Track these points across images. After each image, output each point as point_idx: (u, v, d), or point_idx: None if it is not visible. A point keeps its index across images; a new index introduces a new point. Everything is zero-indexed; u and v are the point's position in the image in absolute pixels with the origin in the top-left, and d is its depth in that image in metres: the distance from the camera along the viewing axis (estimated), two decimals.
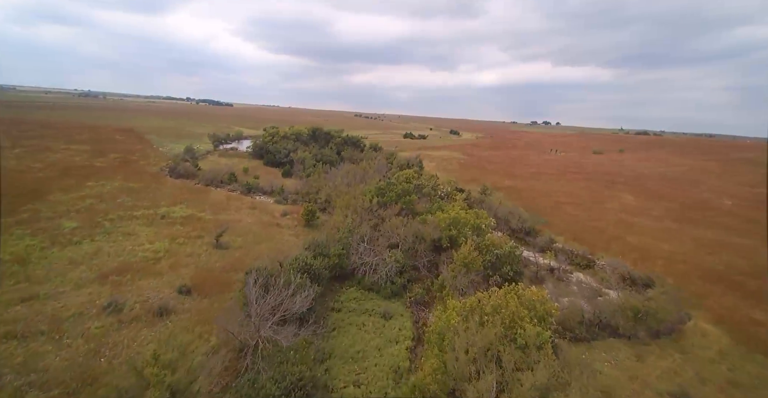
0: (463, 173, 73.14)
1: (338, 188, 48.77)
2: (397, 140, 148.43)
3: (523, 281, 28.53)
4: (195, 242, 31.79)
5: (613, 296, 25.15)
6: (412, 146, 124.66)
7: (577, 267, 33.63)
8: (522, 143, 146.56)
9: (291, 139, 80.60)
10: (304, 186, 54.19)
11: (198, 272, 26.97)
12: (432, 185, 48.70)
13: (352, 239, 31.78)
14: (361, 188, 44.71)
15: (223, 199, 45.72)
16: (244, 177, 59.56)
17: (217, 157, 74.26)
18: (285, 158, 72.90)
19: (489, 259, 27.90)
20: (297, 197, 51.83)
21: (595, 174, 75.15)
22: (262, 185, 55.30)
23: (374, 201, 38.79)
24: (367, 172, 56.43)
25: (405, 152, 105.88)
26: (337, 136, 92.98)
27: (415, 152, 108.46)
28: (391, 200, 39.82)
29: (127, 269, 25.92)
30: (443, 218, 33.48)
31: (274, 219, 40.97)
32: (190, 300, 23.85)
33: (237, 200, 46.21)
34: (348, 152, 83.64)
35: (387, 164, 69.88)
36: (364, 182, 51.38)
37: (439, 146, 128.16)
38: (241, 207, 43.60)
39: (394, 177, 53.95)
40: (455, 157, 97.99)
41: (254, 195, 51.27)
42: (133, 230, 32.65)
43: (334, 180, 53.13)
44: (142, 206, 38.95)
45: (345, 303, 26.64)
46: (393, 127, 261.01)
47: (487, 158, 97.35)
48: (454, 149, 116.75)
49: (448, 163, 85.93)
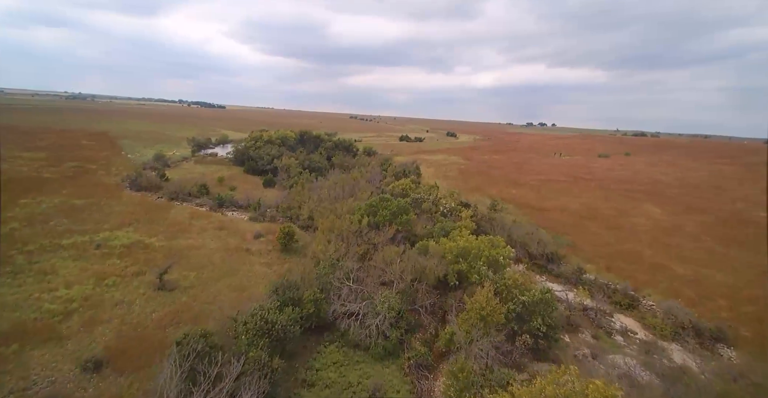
0: (465, 180, 66.51)
1: (323, 204, 41.87)
2: (393, 144, 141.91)
3: (559, 339, 21.87)
4: (130, 282, 24.65)
5: (696, 370, 18.33)
6: (409, 149, 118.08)
7: (618, 307, 26.93)
8: (523, 146, 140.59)
9: (276, 144, 73.65)
10: (285, 200, 47.18)
11: (122, 332, 19.88)
12: (432, 198, 41.92)
13: (335, 276, 24.85)
14: (350, 204, 37.82)
15: (185, 218, 38.54)
16: (219, 188, 52.45)
17: (192, 164, 67.02)
18: (268, 166, 65.85)
19: (514, 309, 21.08)
20: (277, 213, 44.93)
21: (608, 181, 68.85)
22: (237, 197, 48.22)
23: (364, 222, 31.90)
24: (358, 182, 49.55)
25: (401, 157, 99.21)
26: (327, 140, 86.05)
27: (411, 156, 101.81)
28: (385, 219, 32.92)
29: (18, 334, 18.77)
30: (450, 248, 26.63)
31: (243, 243, 33.90)
32: (97, 380, 16.78)
33: (203, 219, 39.06)
34: (339, 158, 76.75)
35: (381, 172, 63.10)
36: (354, 195, 44.53)
37: (437, 149, 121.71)
38: (205, 228, 36.46)
39: (388, 188, 47.10)
40: (455, 162, 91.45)
41: (226, 211, 44.16)
42: (53, 266, 25.43)
43: (319, 192, 46.15)
44: (78, 230, 31.69)
45: (321, 373, 19.66)
46: (389, 129, 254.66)
47: (488, 162, 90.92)
48: (453, 153, 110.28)
49: (448, 169, 79.28)
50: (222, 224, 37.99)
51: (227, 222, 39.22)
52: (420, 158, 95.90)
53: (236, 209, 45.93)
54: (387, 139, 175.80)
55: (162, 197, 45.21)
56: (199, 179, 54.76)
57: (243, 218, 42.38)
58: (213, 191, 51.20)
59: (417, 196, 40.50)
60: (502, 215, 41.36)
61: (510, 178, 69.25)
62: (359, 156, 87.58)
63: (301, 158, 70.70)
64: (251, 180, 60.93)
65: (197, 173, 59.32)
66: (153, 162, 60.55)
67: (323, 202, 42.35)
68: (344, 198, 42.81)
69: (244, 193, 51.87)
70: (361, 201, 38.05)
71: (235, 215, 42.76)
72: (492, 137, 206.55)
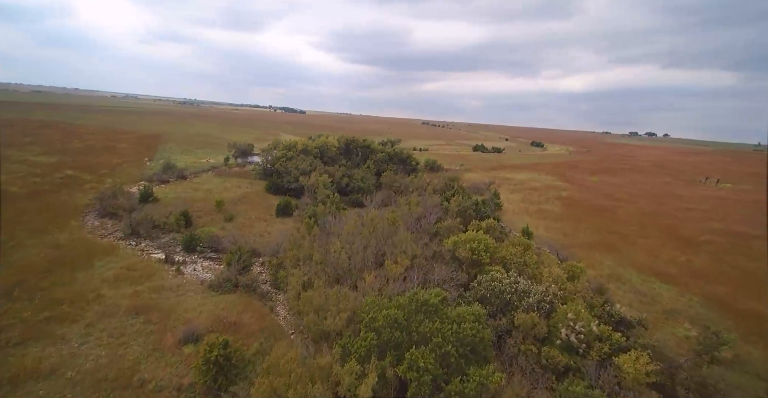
0: (575, 224, 42.40)
1: (334, 265, 23.76)
2: (465, 155, 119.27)
3: None
4: None
5: None
6: (484, 163, 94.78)
7: None
8: (643, 164, 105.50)
9: (312, 154, 58.79)
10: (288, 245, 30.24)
11: None
12: (541, 294, 20.23)
13: None
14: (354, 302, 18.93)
15: (103, 281, 23.78)
16: (212, 218, 38.22)
17: (211, 176, 55.28)
18: (293, 183, 50.62)
19: None
20: (264, 271, 28.33)
21: None
22: (223, 235, 33.07)
23: (368, 384, 12.80)
24: (397, 226, 30.24)
25: (473, 173, 77.29)
26: (379, 150, 68.57)
27: (487, 173, 79.07)
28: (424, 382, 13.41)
29: None
30: None
31: (149, 360, 17.49)
32: None
33: (132, 284, 23.90)
34: (389, 176, 58.49)
35: (441, 201, 42.80)
36: (385, 252, 25.62)
37: (522, 164, 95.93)
38: (114, 310, 21.05)
39: (446, 248, 26.82)
40: (550, 184, 66.24)
41: (194, 261, 28.95)
42: None
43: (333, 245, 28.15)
44: None
45: None
46: (460, 137, 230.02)
47: (603, 189, 63.70)
48: (545, 170, 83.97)
49: (543, 198, 55.21)
50: (149, 301, 22.26)
51: (165, 293, 23.46)
52: (499, 177, 72.85)
53: (212, 257, 30.55)
54: (458, 148, 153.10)
55: (118, 231, 31.93)
56: (196, 202, 41.45)
57: (206, 278, 26.49)
58: (203, 220, 37.06)
59: (509, 286, 19.53)
60: (714, 370, 17.46)
61: (655, 223, 42.87)
62: (418, 173, 68.38)
63: (339, 174, 54.17)
64: (268, 203, 46.06)
65: (203, 191, 46.50)
66: (162, 173, 49.71)
67: (328, 267, 24.15)
68: (365, 265, 24.00)
69: (241, 226, 36.66)
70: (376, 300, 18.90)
71: (194, 274, 27.06)
72: (591, 149, 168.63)
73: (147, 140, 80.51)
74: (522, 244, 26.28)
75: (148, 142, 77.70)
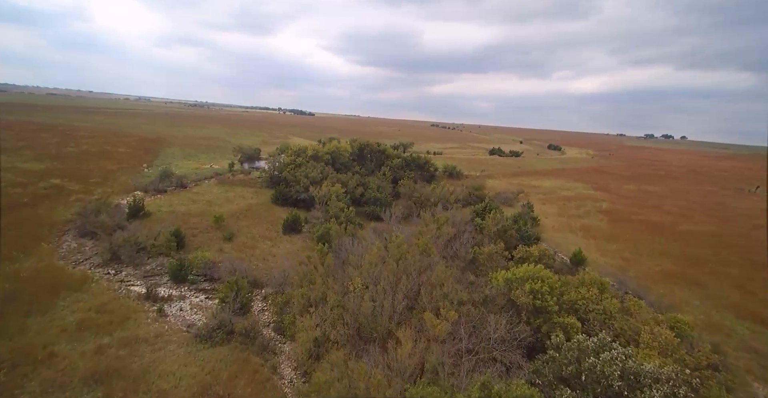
0: (631, 245, 36.05)
1: (354, 312, 18.26)
2: (482, 159, 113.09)
3: None
4: None
5: None
6: (505, 168, 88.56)
7: None
8: (677, 169, 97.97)
9: (323, 161, 53.52)
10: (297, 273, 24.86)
11: None
12: (670, 382, 14.24)
13: None
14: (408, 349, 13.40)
15: (63, 328, 18.69)
16: (210, 235, 33.12)
17: (213, 185, 50.36)
18: (303, 194, 45.39)
19: None
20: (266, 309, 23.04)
21: None
22: (219, 260, 27.93)
23: None
24: (430, 255, 24.65)
25: (496, 180, 71.30)
26: (395, 156, 63.08)
27: (511, 179, 73.00)
28: None
29: None
30: None
31: None
32: None
33: (98, 335, 18.75)
34: (407, 185, 52.94)
35: (473, 218, 36.99)
36: (420, 292, 20.10)
37: (545, 170, 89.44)
38: (68, 380, 15.92)
39: (494, 288, 21.09)
40: (585, 194, 59.89)
41: (181, 294, 23.77)
42: None
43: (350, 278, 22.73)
44: None
45: None
46: (473, 139, 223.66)
47: (646, 200, 57.16)
48: (573, 177, 77.47)
49: (582, 210, 48.97)
50: (116, 362, 17.00)
51: (139, 348, 18.20)
52: (525, 185, 66.74)
53: (205, 288, 25.36)
54: (473, 151, 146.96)
55: (96, 254, 26.94)
56: (193, 217, 36.46)
57: (194, 320, 21.24)
58: (199, 240, 31.99)
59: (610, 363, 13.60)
60: None
61: (728, 245, 36.34)
62: (436, 180, 62.75)
63: (353, 183, 48.79)
64: (274, 217, 40.89)
65: (202, 203, 41.54)
66: (158, 182, 44.94)
67: (348, 315, 18.67)
68: (395, 312, 18.47)
69: (242, 246, 31.51)
70: None
71: (180, 316, 21.81)
72: (612, 152, 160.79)
73: (149, 143, 76.38)
74: (595, 283, 20.43)
75: (149, 146, 73.51)
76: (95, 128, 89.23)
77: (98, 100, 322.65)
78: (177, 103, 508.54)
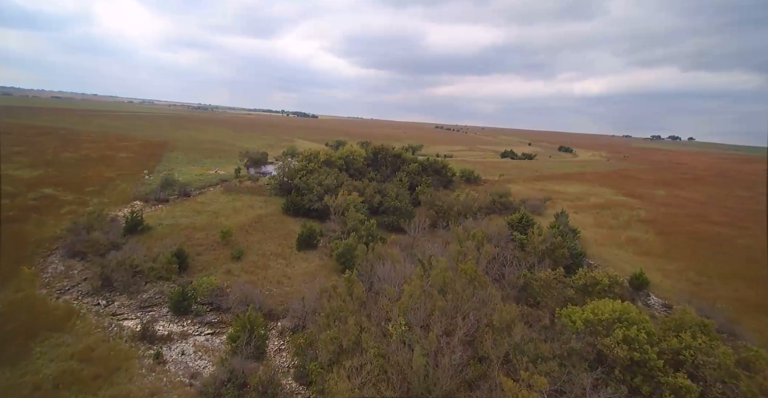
0: (695, 264, 31.84)
1: (400, 370, 14.33)
2: (494, 162, 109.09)
3: None
4: None
5: None
6: (522, 172, 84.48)
7: None
8: (702, 173, 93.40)
9: (337, 166, 49.77)
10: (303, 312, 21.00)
11: None
12: None
13: None
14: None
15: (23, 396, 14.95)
16: (217, 253, 29.37)
17: (219, 193, 46.71)
18: (316, 203, 41.60)
19: None
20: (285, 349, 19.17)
21: None
22: (231, 281, 24.18)
23: None
24: (481, 283, 20.72)
25: (516, 185, 67.28)
26: (411, 160, 59.24)
27: (530, 184, 69.02)
28: None
29: None
30: None
31: None
32: None
33: (75, 395, 15.01)
34: (427, 192, 49.11)
35: (511, 233, 32.96)
36: (480, 335, 16.21)
37: (564, 173, 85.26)
38: None
39: (579, 325, 17.10)
40: (615, 200, 55.68)
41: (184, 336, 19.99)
42: None
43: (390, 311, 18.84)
44: None
45: None
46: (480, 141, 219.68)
47: (686, 208, 52.90)
48: (597, 181, 73.28)
49: (621, 220, 44.76)
50: None
51: None
52: (549, 190, 62.69)
53: (211, 322, 21.56)
54: (482, 153, 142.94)
55: (87, 279, 23.19)
56: (197, 231, 32.73)
57: (199, 368, 17.42)
58: (204, 259, 28.26)
59: None
60: None
61: None
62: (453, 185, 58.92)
63: (370, 191, 44.93)
64: (287, 230, 37.12)
65: (207, 214, 37.86)
66: (159, 190, 41.32)
67: (392, 370, 14.79)
68: (455, 372, 14.54)
69: (253, 267, 27.73)
70: None
71: (182, 362, 17.98)
72: (626, 155, 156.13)
73: (152, 147, 73.04)
74: (695, 323, 16.41)
75: (152, 150, 70.15)
76: (97, 132, 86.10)
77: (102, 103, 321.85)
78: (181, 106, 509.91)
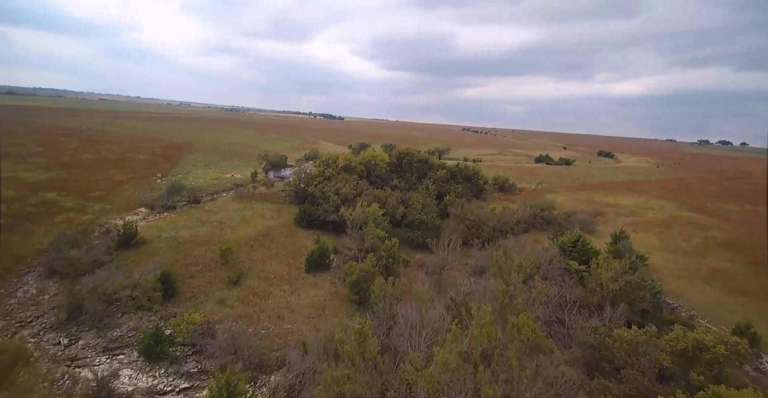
0: None
1: None
2: (528, 167, 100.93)
3: None
4: None
5: None
6: (562, 180, 76.46)
7: None
8: None
9: (356, 172, 45.07)
10: (304, 369, 16.24)
11: None
12: None
13: None
14: None
15: None
16: (213, 274, 25.30)
17: (230, 199, 43.27)
18: (332, 214, 36.98)
19: None
20: None
21: None
22: (221, 315, 19.88)
23: None
24: (538, 339, 15.11)
25: (556, 195, 59.96)
26: (438, 166, 53.59)
27: (573, 194, 61.43)
28: None
29: None
30: None
31: None
32: None
33: None
34: (457, 203, 43.40)
35: (569, 266, 26.82)
36: None
37: (612, 182, 76.30)
38: None
39: None
40: (682, 217, 47.36)
41: (152, 393, 15.77)
42: None
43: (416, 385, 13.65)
44: None
45: None
46: (512, 144, 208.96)
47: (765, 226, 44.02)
48: (653, 193, 64.32)
49: (694, 242, 37.04)
50: None
51: None
52: (597, 202, 55.06)
53: (191, 372, 17.21)
54: (514, 158, 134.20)
55: (54, 308, 19.59)
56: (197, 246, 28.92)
57: None
58: (196, 284, 24.23)
59: None
60: None
61: None
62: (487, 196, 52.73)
63: (392, 201, 39.86)
64: (297, 246, 32.71)
65: (212, 225, 34.18)
66: (166, 197, 38.27)
67: None
68: None
69: (251, 294, 23.39)
70: None
71: None
72: (678, 161, 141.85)
73: (172, 149, 71.77)
74: None
75: (172, 152, 68.73)
76: (122, 133, 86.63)
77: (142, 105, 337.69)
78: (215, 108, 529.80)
